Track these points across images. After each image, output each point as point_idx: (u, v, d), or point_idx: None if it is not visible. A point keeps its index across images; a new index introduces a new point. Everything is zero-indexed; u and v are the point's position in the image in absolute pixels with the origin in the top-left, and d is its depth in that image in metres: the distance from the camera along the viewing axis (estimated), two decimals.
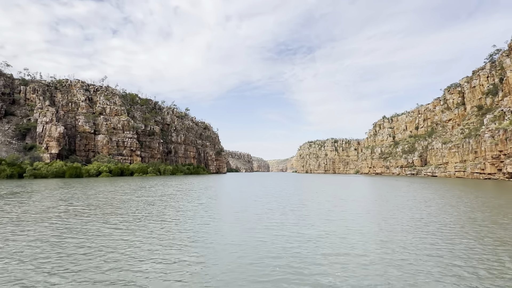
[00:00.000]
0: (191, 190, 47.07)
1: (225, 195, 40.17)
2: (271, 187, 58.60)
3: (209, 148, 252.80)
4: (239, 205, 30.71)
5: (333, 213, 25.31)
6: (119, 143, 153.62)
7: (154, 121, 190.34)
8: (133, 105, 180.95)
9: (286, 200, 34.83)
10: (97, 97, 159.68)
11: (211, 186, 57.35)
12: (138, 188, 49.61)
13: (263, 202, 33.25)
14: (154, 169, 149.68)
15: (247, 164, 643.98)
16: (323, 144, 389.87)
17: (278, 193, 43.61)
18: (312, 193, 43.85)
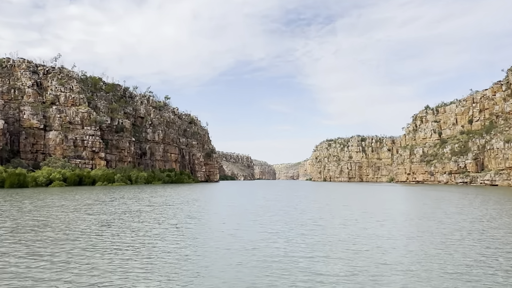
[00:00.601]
0: (167, 205, 45.61)
1: (212, 212, 38.70)
2: (276, 200, 57.65)
3: (196, 148, 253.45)
4: (229, 227, 28.74)
5: (363, 239, 23.08)
6: (77, 142, 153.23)
7: (123, 113, 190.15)
8: (95, 92, 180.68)
9: (294, 219, 33.04)
10: (48, 82, 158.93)
11: (195, 200, 56.21)
12: (96, 202, 48.50)
13: (263, 222, 31.40)
14: (123, 176, 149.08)
15: (247, 169, 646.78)
16: (346, 143, 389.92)
17: (284, 210, 42.07)
18: (332, 209, 42.58)
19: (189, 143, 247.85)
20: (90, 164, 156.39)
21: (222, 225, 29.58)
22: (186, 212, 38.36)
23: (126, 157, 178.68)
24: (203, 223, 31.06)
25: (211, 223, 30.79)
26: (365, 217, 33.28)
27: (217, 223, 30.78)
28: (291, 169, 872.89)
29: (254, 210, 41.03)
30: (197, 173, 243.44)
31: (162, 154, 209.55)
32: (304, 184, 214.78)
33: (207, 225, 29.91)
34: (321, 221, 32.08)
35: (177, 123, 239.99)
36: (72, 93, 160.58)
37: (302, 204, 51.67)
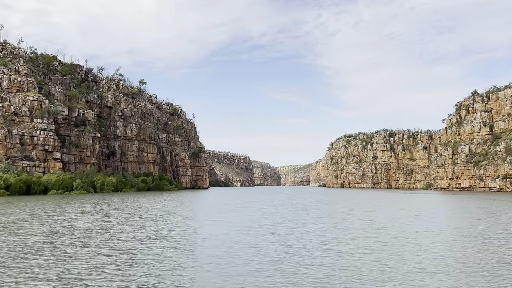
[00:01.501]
0: (129, 221, 42.61)
1: (187, 230, 35.84)
2: (277, 213, 54.90)
3: (180, 147, 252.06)
4: (200, 260, 25.54)
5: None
6: (24, 139, 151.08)
7: (85, 101, 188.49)
8: (49, 74, 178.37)
9: (300, 240, 29.97)
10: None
11: (171, 213, 53.45)
12: (35, 218, 45.73)
13: (263, 247, 28.29)
14: (84, 182, 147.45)
15: (244, 173, 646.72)
16: (370, 139, 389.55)
17: (287, 227, 39.15)
18: (354, 225, 39.85)
19: (171, 139, 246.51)
20: (42, 167, 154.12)
21: (191, 256, 26.24)
22: (150, 232, 35.20)
23: (89, 158, 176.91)
24: (162, 250, 27.74)
25: (175, 250, 27.47)
26: (413, 249, 30.12)
27: (185, 251, 27.45)
28: (300, 173, 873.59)
29: (245, 227, 38.28)
30: (181, 177, 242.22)
31: (136, 154, 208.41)
32: (316, 192, 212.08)
33: (167, 254, 26.58)
34: (339, 244, 28.98)
35: (155, 115, 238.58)
36: (18, 75, 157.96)
37: (311, 219, 48.58)
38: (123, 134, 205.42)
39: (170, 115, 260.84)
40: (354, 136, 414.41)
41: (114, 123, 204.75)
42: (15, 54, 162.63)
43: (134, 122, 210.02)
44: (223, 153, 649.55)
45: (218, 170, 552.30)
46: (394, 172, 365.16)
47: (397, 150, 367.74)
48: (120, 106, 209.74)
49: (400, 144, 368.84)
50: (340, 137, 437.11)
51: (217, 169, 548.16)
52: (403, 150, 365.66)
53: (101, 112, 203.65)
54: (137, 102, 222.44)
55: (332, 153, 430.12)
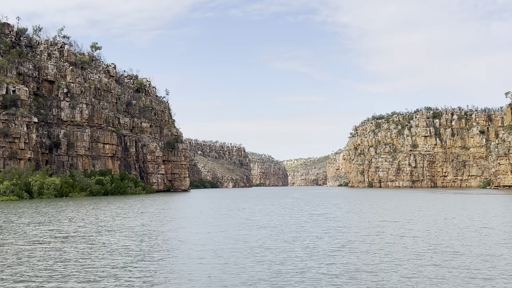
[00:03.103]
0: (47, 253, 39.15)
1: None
2: (277, 233, 51.91)
3: (150, 135, 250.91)
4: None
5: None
6: None
7: (16, 73, 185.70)
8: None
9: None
10: None
11: (111, 231, 50.12)
12: None
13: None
14: (15, 185, 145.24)
15: (238, 169, 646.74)
16: (407, 121, 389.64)
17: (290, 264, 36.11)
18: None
19: (137, 125, 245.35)
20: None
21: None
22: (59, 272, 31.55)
23: (23, 151, 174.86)
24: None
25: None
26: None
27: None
28: (313, 168, 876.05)
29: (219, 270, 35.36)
30: (151, 177, 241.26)
31: (89, 145, 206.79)
32: (335, 194, 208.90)
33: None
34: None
35: (114, 92, 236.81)
36: None
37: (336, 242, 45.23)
38: (70, 119, 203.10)
39: (134, 91, 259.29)
40: (386, 117, 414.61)
41: (57, 103, 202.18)
42: None
43: (85, 102, 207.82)
44: (208, 143, 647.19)
45: (203, 167, 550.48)
46: (441, 166, 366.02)
47: (444, 136, 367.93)
48: (65, 80, 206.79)
49: (448, 127, 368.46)
50: (367, 119, 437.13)
51: (201, 165, 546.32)
52: (452, 135, 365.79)
53: (39, 88, 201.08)
54: (88, 75, 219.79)
55: (357, 141, 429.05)
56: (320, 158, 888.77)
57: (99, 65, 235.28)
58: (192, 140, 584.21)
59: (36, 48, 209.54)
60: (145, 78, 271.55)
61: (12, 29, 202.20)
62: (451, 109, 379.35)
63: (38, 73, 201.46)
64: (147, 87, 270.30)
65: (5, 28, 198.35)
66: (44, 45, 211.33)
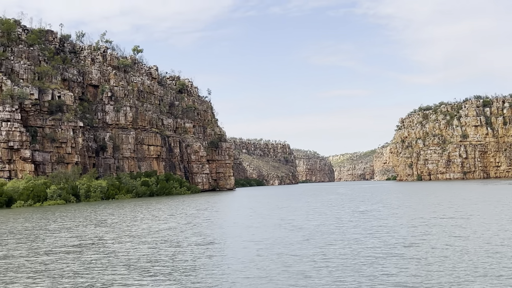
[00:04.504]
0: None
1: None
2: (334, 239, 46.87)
3: (193, 135, 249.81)
4: None
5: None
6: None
7: (61, 79, 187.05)
8: (10, 45, 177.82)
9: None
10: None
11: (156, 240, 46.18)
12: None
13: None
14: (62, 189, 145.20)
15: (284, 166, 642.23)
16: (456, 111, 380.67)
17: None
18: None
19: (180, 126, 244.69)
20: (7, 170, 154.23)
21: None
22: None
23: (70, 155, 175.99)
24: None
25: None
26: None
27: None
28: (360, 163, 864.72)
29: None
30: (196, 176, 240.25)
31: (134, 147, 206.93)
32: (383, 188, 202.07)
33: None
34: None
35: (157, 93, 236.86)
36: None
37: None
38: (115, 122, 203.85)
39: (177, 92, 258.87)
40: (434, 108, 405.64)
41: (102, 107, 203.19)
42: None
43: (128, 105, 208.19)
44: (253, 141, 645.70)
45: (248, 165, 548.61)
46: (493, 156, 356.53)
47: (496, 125, 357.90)
48: (109, 84, 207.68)
49: (500, 115, 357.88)
50: (413, 111, 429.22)
51: (246, 164, 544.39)
52: (504, 124, 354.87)
53: (84, 93, 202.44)
54: (131, 78, 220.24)
55: (404, 134, 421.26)
56: (366, 152, 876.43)
57: (141, 67, 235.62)
58: (237, 139, 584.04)
59: (80, 54, 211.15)
60: (187, 79, 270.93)
61: (55, 36, 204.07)
62: (502, 97, 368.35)
63: (82, 78, 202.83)
64: (189, 87, 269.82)
65: (49, 35, 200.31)
66: (87, 51, 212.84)
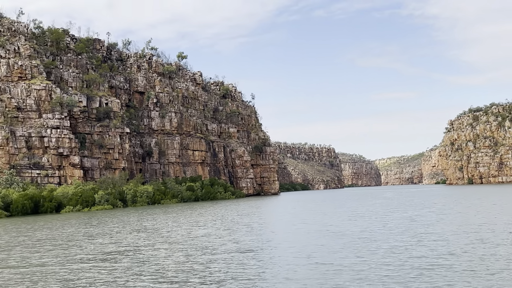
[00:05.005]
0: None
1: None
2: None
3: (237, 140, 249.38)
4: None
5: None
6: (31, 141, 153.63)
7: (108, 87, 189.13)
8: (59, 54, 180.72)
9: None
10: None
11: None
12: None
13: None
14: (110, 194, 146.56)
15: (329, 170, 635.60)
16: (508, 112, 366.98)
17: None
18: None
19: (224, 131, 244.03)
20: (57, 176, 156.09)
21: None
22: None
23: (118, 161, 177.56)
24: None
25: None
26: None
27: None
28: (408, 166, 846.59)
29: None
30: (241, 181, 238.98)
31: (179, 152, 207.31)
32: (432, 192, 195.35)
33: None
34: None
35: (201, 99, 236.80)
36: (19, 58, 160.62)
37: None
38: (161, 127, 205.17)
39: (221, 98, 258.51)
40: (485, 109, 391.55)
41: (147, 113, 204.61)
42: (14, 31, 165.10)
43: (173, 111, 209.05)
44: (298, 145, 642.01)
45: (293, 169, 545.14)
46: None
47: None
48: (155, 90, 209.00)
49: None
50: (463, 112, 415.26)
51: (290, 168, 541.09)
52: None
53: (130, 99, 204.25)
54: (176, 84, 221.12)
55: (453, 136, 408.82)
56: (414, 155, 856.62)
57: (186, 73, 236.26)
58: (281, 144, 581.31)
59: (126, 61, 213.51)
60: (230, 84, 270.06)
61: (103, 44, 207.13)
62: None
63: (129, 85, 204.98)
64: (233, 92, 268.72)
65: (96, 43, 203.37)
66: (133, 58, 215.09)
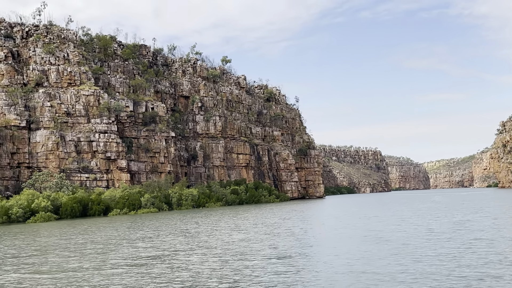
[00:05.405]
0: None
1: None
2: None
3: (281, 143, 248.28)
4: None
5: None
6: (81, 145, 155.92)
7: (154, 91, 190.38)
8: (106, 60, 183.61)
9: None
10: (29, 49, 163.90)
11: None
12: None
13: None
14: (155, 197, 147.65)
15: (375, 174, 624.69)
16: None
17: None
18: None
19: (268, 134, 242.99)
20: (105, 180, 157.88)
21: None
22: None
23: (164, 164, 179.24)
24: None
25: None
26: None
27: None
28: (458, 169, 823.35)
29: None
30: (285, 184, 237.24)
31: (224, 156, 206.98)
32: (483, 196, 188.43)
33: None
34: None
35: (245, 102, 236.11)
36: (68, 65, 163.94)
37: None
38: (205, 131, 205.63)
39: (265, 101, 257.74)
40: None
41: (192, 117, 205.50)
42: (63, 38, 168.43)
43: (218, 114, 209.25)
44: (343, 148, 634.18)
45: (338, 172, 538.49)
46: None
47: None
48: (199, 95, 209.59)
49: None
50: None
51: (336, 171, 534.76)
52: None
53: (176, 104, 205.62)
54: (220, 88, 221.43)
55: (505, 138, 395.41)
56: (464, 158, 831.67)
57: (230, 77, 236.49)
58: (326, 146, 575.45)
59: (171, 66, 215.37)
60: (274, 87, 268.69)
61: (149, 50, 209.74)
62: None
63: (174, 89, 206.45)
64: (277, 95, 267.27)
65: (143, 49, 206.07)
66: (178, 63, 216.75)
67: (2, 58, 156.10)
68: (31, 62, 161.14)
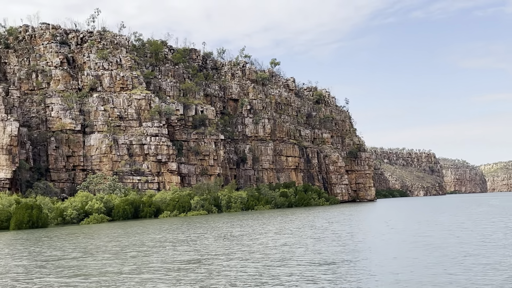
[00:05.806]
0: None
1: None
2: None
3: (331, 145, 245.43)
4: None
5: None
6: (133, 148, 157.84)
7: (203, 95, 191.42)
8: (157, 65, 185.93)
9: None
10: (84, 54, 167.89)
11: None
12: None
13: None
14: (205, 200, 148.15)
15: (429, 176, 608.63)
16: None
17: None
18: None
19: (318, 136, 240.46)
20: (156, 182, 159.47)
21: None
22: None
23: (213, 167, 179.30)
24: None
25: None
26: None
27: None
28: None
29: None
30: (335, 187, 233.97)
31: (273, 158, 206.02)
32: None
33: None
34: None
35: (294, 105, 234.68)
36: (121, 70, 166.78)
37: None
38: (254, 134, 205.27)
39: (314, 103, 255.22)
40: None
41: (241, 120, 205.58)
42: (116, 44, 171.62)
43: (267, 117, 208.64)
44: (395, 150, 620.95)
45: (390, 175, 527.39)
46: None
47: None
48: (248, 97, 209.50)
49: None
50: None
51: (387, 174, 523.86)
52: None
53: (225, 107, 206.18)
54: (269, 90, 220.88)
55: None
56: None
57: (278, 80, 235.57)
58: (377, 149, 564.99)
59: (221, 70, 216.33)
60: (324, 89, 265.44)
61: (198, 54, 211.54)
62: None
63: (223, 93, 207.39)
64: (327, 97, 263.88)
65: (193, 53, 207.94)
66: (227, 66, 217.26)
67: (58, 64, 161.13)
68: (86, 67, 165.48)
